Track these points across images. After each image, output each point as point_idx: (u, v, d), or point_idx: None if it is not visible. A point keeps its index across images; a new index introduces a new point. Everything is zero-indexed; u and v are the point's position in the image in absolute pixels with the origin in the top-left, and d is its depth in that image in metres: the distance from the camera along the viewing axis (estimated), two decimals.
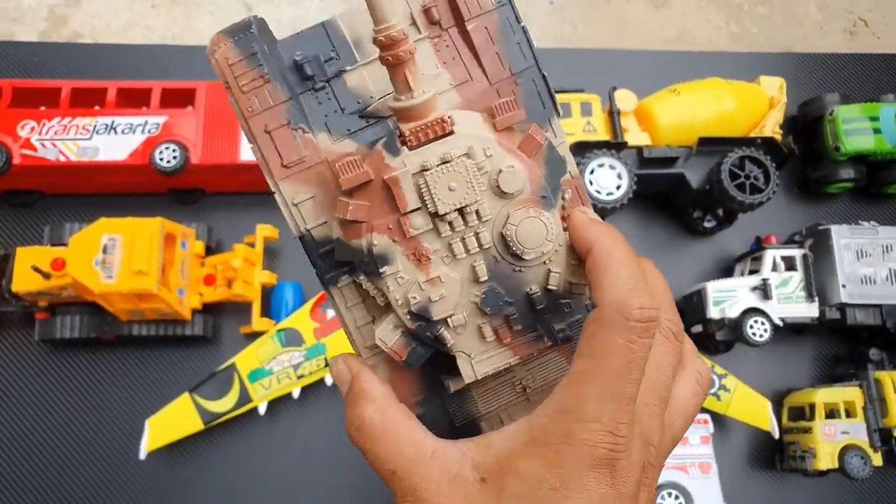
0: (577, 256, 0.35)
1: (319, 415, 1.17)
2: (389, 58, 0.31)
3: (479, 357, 0.35)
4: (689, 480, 1.10)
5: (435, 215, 0.33)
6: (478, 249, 0.34)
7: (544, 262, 0.35)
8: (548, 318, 0.36)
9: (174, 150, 1.16)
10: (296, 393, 1.13)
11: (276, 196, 0.36)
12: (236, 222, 1.25)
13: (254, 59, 0.34)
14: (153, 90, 1.20)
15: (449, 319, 0.34)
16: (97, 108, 1.19)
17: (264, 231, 1.19)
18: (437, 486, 0.31)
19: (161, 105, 1.19)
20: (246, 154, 1.17)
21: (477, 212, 0.33)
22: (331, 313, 1.13)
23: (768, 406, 1.18)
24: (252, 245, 1.18)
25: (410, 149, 0.32)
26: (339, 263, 0.35)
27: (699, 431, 1.12)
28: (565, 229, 0.35)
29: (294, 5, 1.49)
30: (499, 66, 0.35)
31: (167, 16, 1.43)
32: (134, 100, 1.21)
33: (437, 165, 0.32)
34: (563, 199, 0.35)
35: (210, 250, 1.21)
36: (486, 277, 0.34)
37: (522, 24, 0.36)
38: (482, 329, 0.35)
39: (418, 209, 0.33)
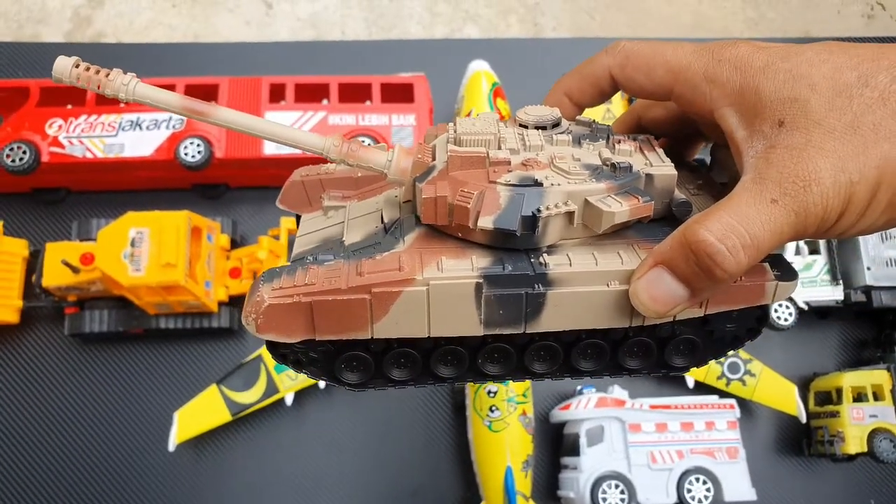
0: None
1: (345, 405, 1.18)
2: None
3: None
4: (717, 465, 1.09)
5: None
6: None
7: None
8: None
9: (199, 145, 1.17)
10: (322, 383, 1.14)
11: None
12: (260, 215, 1.26)
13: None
14: (176, 87, 1.21)
15: None
16: (122, 104, 1.21)
17: (288, 223, 1.20)
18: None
19: None
20: (269, 148, 1.19)
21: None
22: None
23: (795, 391, 1.18)
24: (277, 237, 1.19)
25: None
26: None
27: (726, 416, 1.12)
28: None
29: (312, 1, 1.50)
30: None
31: (188, 14, 1.45)
32: None
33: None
34: None
35: (235, 244, 1.22)
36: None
37: None
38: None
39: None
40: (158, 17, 1.43)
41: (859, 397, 1.17)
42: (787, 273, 0.41)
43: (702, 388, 1.19)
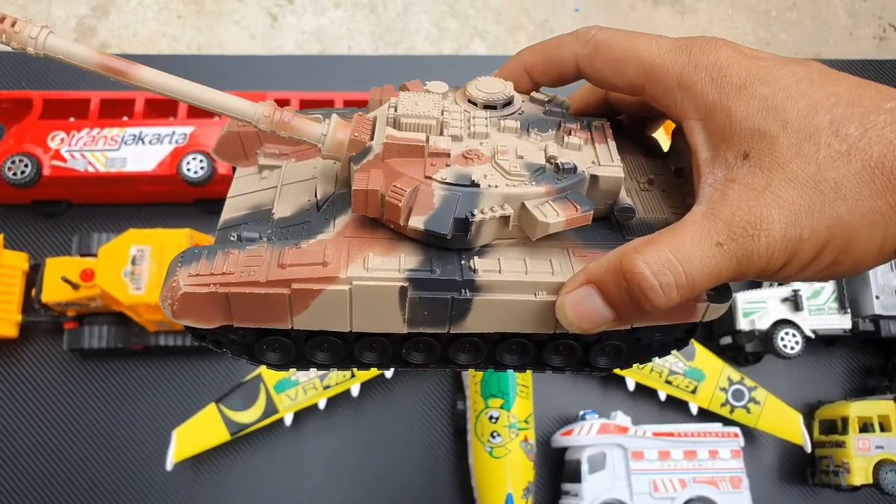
0: None
1: (345, 426, 1.17)
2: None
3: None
4: (720, 495, 1.08)
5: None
6: None
7: None
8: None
9: (202, 161, 1.16)
10: (322, 404, 1.13)
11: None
12: None
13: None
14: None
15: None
16: (125, 118, 1.20)
17: None
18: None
19: (188, 115, 1.20)
20: None
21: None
22: None
23: (800, 419, 1.16)
24: None
25: None
26: None
27: (729, 445, 1.10)
28: None
29: (318, 15, 1.49)
30: None
31: (193, 26, 1.44)
32: (161, 110, 1.21)
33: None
34: None
35: None
36: None
37: None
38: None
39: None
40: (163, 29, 1.42)
41: (865, 427, 1.16)
42: (721, 294, 0.41)
43: (706, 416, 1.17)
